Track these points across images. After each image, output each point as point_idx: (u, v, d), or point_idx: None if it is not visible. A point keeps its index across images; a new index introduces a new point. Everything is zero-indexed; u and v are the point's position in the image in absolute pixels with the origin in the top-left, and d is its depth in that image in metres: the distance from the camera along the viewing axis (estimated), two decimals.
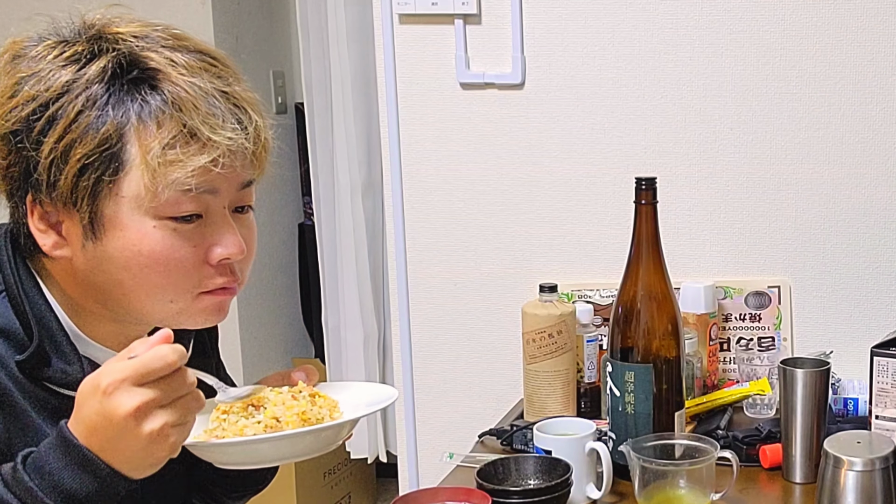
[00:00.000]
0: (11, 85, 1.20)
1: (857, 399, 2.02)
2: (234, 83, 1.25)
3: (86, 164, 1.18)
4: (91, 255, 1.22)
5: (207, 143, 1.19)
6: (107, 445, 1.11)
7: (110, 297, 1.25)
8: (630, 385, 1.75)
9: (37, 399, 1.23)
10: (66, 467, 1.11)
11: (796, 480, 1.78)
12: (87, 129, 1.17)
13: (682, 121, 2.23)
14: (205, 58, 1.25)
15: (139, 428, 1.09)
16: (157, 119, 1.19)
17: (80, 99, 1.18)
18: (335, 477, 3.79)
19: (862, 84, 2.16)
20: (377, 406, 1.34)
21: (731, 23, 2.18)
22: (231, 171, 1.23)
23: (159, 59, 1.21)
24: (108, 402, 1.09)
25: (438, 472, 1.91)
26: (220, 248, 1.25)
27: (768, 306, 2.23)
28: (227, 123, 1.21)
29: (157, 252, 1.21)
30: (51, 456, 1.12)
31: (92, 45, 1.21)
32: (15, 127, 1.19)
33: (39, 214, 1.22)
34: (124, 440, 1.10)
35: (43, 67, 1.19)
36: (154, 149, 1.18)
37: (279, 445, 1.25)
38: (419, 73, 2.33)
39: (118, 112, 1.18)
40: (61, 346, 1.24)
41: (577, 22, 2.24)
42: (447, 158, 2.35)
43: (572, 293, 2.27)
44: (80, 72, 1.19)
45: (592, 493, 1.71)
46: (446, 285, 2.39)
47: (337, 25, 3.33)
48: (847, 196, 2.20)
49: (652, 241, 1.77)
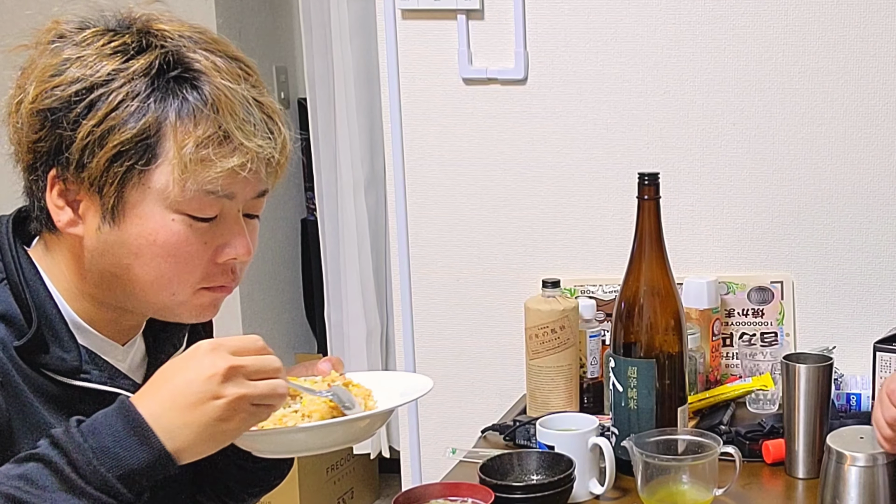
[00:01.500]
0: (55, 64, 1.23)
1: (859, 394, 2.02)
2: (266, 94, 1.31)
3: (120, 152, 1.21)
4: (105, 238, 1.25)
5: (239, 147, 1.24)
6: (179, 405, 1.14)
7: (114, 282, 1.28)
8: (633, 380, 1.75)
9: (35, 385, 1.24)
10: (119, 433, 1.13)
11: (799, 476, 1.78)
12: (128, 119, 1.21)
13: (684, 116, 2.23)
14: (241, 66, 1.30)
15: (221, 387, 1.14)
16: (195, 118, 1.23)
17: (123, 88, 1.21)
18: (338, 472, 3.79)
19: (864, 79, 2.16)
20: (412, 396, 1.36)
21: (733, 18, 2.18)
22: (255, 177, 1.27)
23: (203, 62, 1.25)
24: (203, 359, 1.15)
25: (441, 468, 1.92)
26: (230, 248, 1.29)
27: (771, 302, 2.23)
28: (260, 131, 1.26)
29: (170, 244, 1.25)
30: (104, 420, 1.14)
31: (140, 38, 1.25)
32: (54, 105, 1.22)
33: (59, 190, 1.25)
34: (201, 399, 1.14)
35: (89, 53, 1.23)
36: (188, 145, 1.22)
37: (316, 435, 1.28)
38: (422, 68, 2.33)
39: (159, 107, 1.22)
40: (60, 333, 1.27)
41: (579, 17, 2.24)
42: (450, 154, 2.35)
43: (575, 288, 2.27)
44: (126, 63, 1.23)
45: (595, 489, 1.71)
46: (449, 281, 2.39)
47: (340, 21, 3.33)
48: (850, 191, 2.20)
49: (655, 236, 1.76)
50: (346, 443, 1.33)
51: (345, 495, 3.85)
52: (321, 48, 3.41)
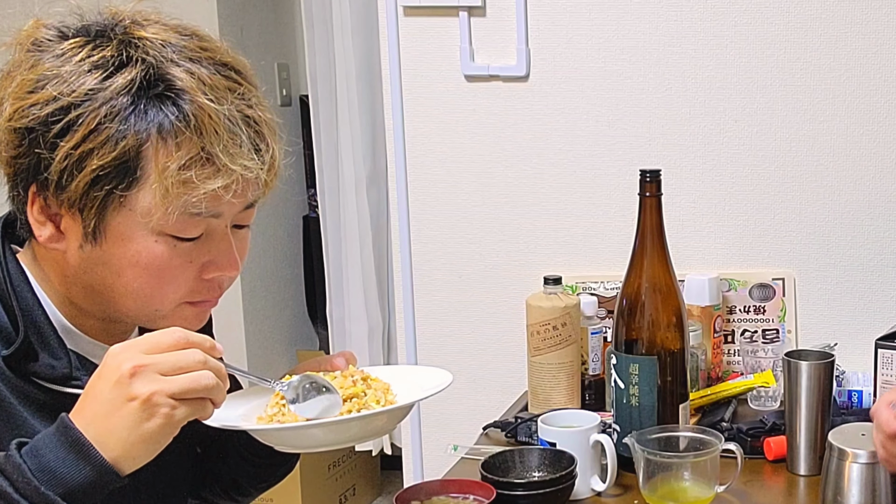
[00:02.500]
0: (33, 80, 1.18)
1: (861, 391, 2.02)
2: (255, 103, 1.24)
3: (99, 175, 1.17)
4: (86, 256, 1.22)
5: (223, 168, 1.19)
6: (99, 414, 1.10)
7: (97, 296, 1.26)
8: (634, 377, 1.75)
9: (24, 394, 1.22)
10: (59, 451, 1.09)
11: (800, 473, 1.78)
12: (106, 141, 1.16)
13: (686, 113, 2.23)
14: (229, 73, 1.23)
15: (130, 387, 1.09)
16: (177, 139, 1.17)
17: (102, 109, 1.16)
18: (339, 469, 3.79)
19: (867, 76, 2.16)
20: (431, 391, 1.36)
21: (735, 15, 2.18)
22: (241, 198, 1.23)
23: (184, 77, 1.19)
24: (111, 361, 1.11)
25: (443, 465, 1.92)
26: (217, 265, 1.26)
27: (773, 298, 2.23)
28: (245, 151, 1.20)
29: (153, 264, 1.22)
30: (45, 440, 1.11)
31: (120, 51, 1.19)
32: (31, 124, 1.17)
33: (40, 206, 1.21)
34: (116, 404, 1.09)
35: (68, 70, 1.17)
36: (170, 168, 1.17)
37: (332, 431, 1.27)
38: (424, 65, 2.33)
39: (139, 127, 1.17)
40: (48, 340, 1.24)
41: (581, 14, 2.24)
42: (451, 151, 2.35)
43: (577, 285, 2.27)
44: (106, 81, 1.17)
45: (597, 486, 1.71)
46: (451, 277, 2.39)
47: (342, 17, 3.33)
48: (852, 188, 2.20)
49: (656, 233, 1.76)
50: (363, 438, 1.32)
51: (346, 492, 3.85)
52: (323, 45, 3.41)
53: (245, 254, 1.31)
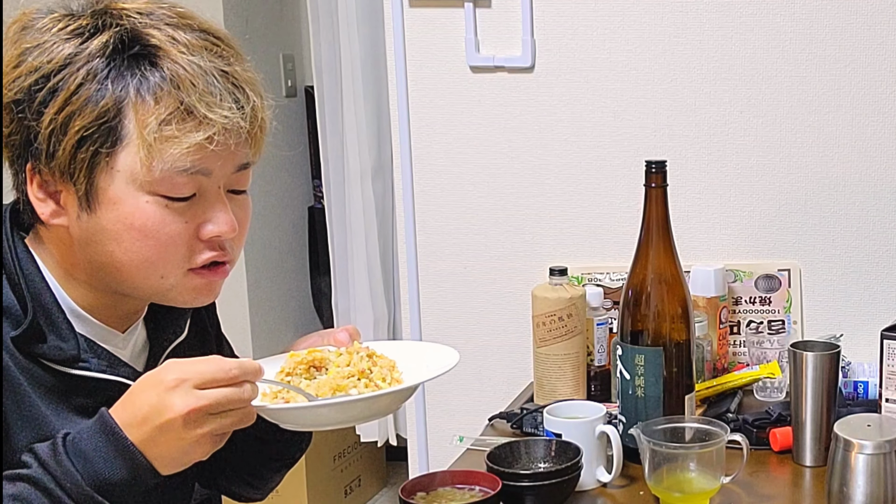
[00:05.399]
0: (16, 55, 1.22)
1: (867, 382, 2.02)
2: (234, 63, 1.27)
3: (84, 137, 1.20)
4: (85, 227, 1.25)
5: (203, 120, 1.22)
6: (149, 438, 1.16)
7: (102, 270, 1.27)
8: (640, 368, 1.75)
9: (32, 375, 1.24)
10: (105, 454, 1.15)
11: (806, 463, 1.78)
12: (87, 102, 1.20)
13: (692, 104, 2.23)
14: (208, 37, 1.27)
15: (186, 430, 1.15)
16: (156, 95, 1.21)
17: (80, 72, 1.20)
18: (345, 460, 3.80)
19: (872, 67, 2.15)
20: (437, 371, 1.35)
21: (740, 6, 2.18)
22: (225, 150, 1.25)
23: (161, 37, 1.23)
24: (166, 397, 1.15)
25: (448, 456, 1.92)
26: (212, 225, 1.27)
27: (778, 289, 2.23)
28: (224, 102, 1.23)
29: (148, 226, 1.24)
30: (92, 441, 1.16)
31: (96, 19, 1.23)
32: (17, 97, 1.21)
33: (38, 183, 1.25)
34: (168, 436, 1.15)
35: (47, 39, 1.22)
36: (151, 124, 1.20)
37: (338, 410, 1.28)
38: (429, 56, 2.33)
39: (117, 86, 1.21)
40: (57, 322, 1.26)
41: (586, 5, 2.24)
42: (457, 142, 2.35)
43: (582, 276, 2.27)
44: (83, 45, 1.21)
45: (602, 477, 1.71)
46: (456, 268, 2.39)
47: (347, 8, 3.33)
48: (857, 179, 2.19)
49: (662, 224, 1.76)
50: (370, 418, 1.32)
51: (352, 483, 3.86)
52: (328, 36, 3.40)
53: (246, 222, 1.33)
